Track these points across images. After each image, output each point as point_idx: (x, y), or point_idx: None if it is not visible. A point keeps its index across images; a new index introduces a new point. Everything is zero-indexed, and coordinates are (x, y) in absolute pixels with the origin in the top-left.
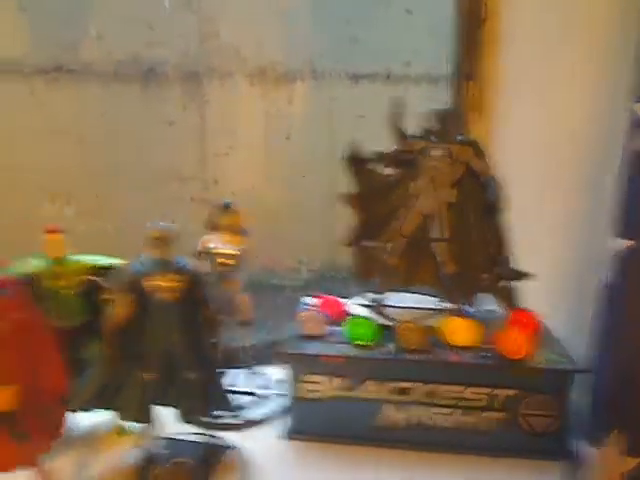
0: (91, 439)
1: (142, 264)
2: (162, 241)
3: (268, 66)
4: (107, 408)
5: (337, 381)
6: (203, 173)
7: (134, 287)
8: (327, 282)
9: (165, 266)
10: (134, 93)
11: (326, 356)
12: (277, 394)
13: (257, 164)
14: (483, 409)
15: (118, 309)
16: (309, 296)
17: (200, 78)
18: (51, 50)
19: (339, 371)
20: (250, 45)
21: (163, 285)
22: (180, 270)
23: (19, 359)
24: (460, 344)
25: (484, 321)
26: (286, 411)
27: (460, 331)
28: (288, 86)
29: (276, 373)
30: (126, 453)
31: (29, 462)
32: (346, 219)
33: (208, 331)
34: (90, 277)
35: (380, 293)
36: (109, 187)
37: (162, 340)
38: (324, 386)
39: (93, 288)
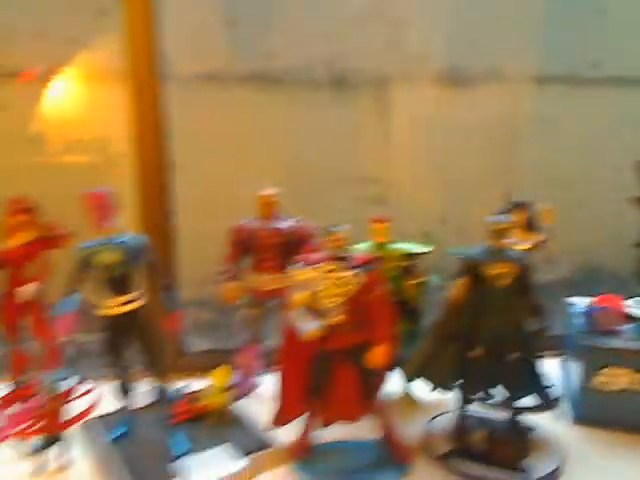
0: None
1: (480, 252)
2: (499, 232)
3: (453, 70)
4: (425, 378)
5: (631, 375)
6: (386, 175)
7: (471, 272)
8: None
9: (499, 255)
10: (325, 99)
11: (627, 351)
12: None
13: (436, 167)
14: None
15: (455, 291)
16: (578, 295)
17: (387, 83)
18: (251, 59)
19: (635, 365)
20: (436, 49)
21: (498, 272)
22: (511, 258)
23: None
24: None
25: None
26: (565, 398)
27: None
28: (473, 89)
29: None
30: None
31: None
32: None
33: (534, 317)
34: (403, 262)
35: None
36: (296, 186)
37: (492, 322)
38: (617, 378)
39: (405, 272)
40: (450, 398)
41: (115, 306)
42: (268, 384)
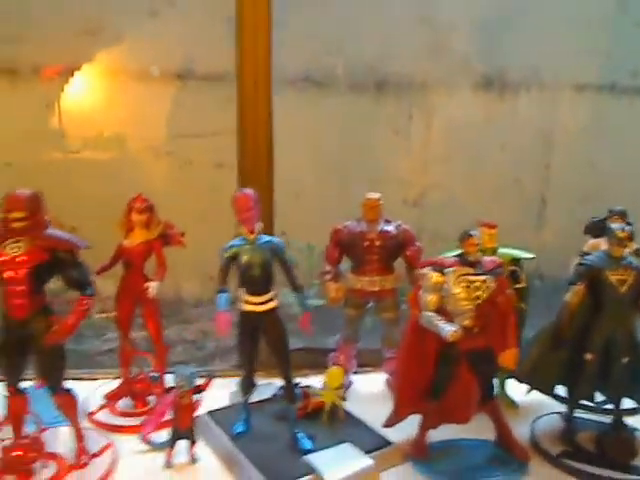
0: None
1: (600, 258)
2: (621, 240)
3: (495, 76)
4: (531, 382)
5: None
6: (423, 178)
7: (590, 278)
8: None
9: (620, 261)
10: (367, 102)
11: None
12: None
13: (473, 171)
14: None
15: (573, 296)
16: None
17: (428, 88)
18: (298, 63)
19: None
20: (479, 55)
21: (618, 278)
22: (631, 266)
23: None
24: None
25: None
26: None
27: None
28: (512, 95)
29: None
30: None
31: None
32: None
33: None
34: (511, 267)
35: None
36: (337, 186)
37: (606, 327)
38: None
39: (510, 276)
40: (546, 400)
41: (253, 304)
42: (362, 384)
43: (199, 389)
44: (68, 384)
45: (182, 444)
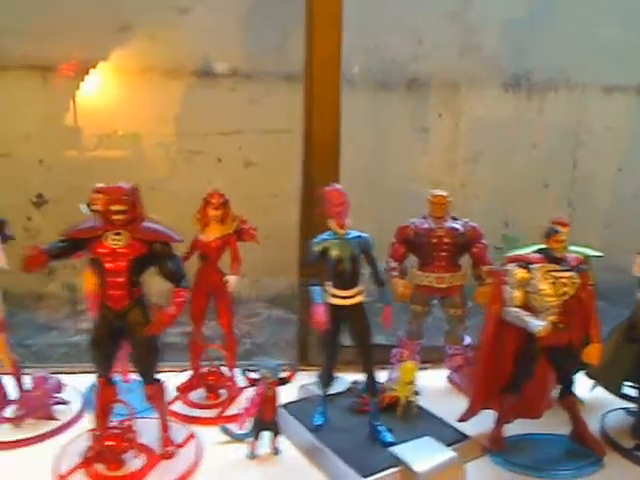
0: None
1: None
2: None
3: (523, 76)
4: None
5: None
6: (451, 177)
7: None
8: None
9: None
10: (398, 101)
11: None
12: None
13: (503, 171)
14: None
15: None
16: None
17: (458, 87)
18: None
19: None
20: (508, 55)
21: None
22: None
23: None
24: None
25: None
26: None
27: None
28: (540, 95)
29: None
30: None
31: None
32: None
33: None
34: None
35: None
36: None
37: None
38: None
39: None
40: (611, 396)
41: (341, 298)
42: (425, 380)
43: (284, 381)
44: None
45: (267, 435)
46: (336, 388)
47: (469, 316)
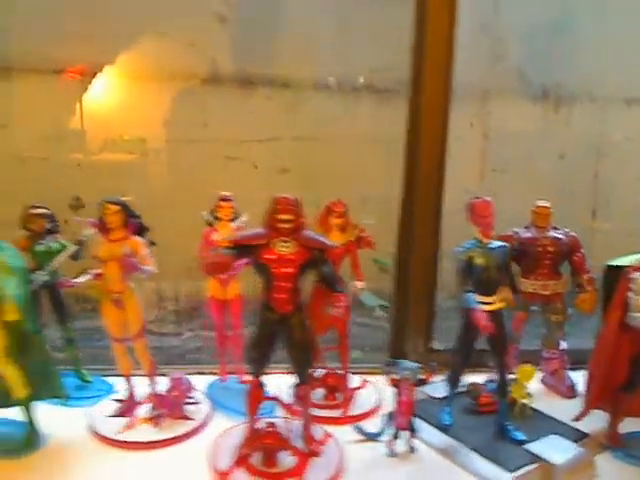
0: None
1: None
2: None
3: (551, 88)
4: None
5: None
6: (480, 187)
7: None
8: None
9: None
10: None
11: None
12: None
13: (530, 181)
14: None
15: None
16: None
17: (488, 97)
18: (363, 71)
19: None
20: (537, 65)
21: None
22: None
23: None
24: None
25: None
26: None
27: None
28: (567, 107)
29: None
30: None
31: None
32: None
33: None
34: None
35: None
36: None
37: None
38: None
39: None
40: None
41: (483, 304)
42: None
43: (422, 382)
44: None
45: (405, 434)
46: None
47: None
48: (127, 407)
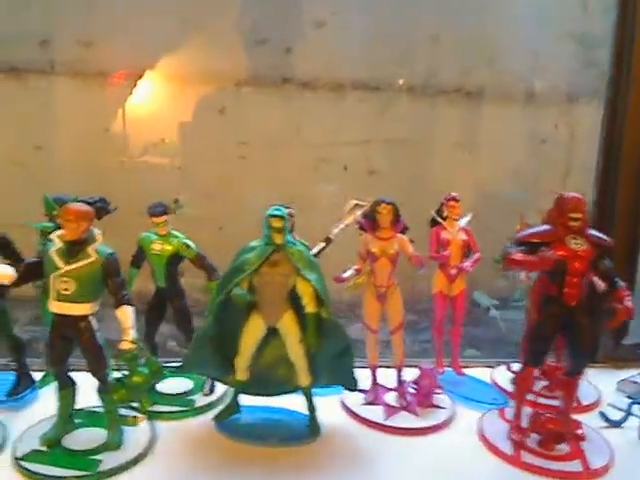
0: None
1: None
2: None
3: None
4: None
5: None
6: (565, 187)
7: None
8: None
9: None
10: (515, 112)
11: None
12: None
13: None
14: None
15: None
16: None
17: (573, 99)
18: (451, 75)
19: None
20: None
21: None
22: None
23: None
24: None
25: None
26: None
27: None
28: None
29: None
30: None
31: None
32: None
33: None
34: None
35: None
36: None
37: None
38: None
39: None
40: None
41: None
42: None
43: None
44: None
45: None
46: None
47: None
48: (375, 396)
